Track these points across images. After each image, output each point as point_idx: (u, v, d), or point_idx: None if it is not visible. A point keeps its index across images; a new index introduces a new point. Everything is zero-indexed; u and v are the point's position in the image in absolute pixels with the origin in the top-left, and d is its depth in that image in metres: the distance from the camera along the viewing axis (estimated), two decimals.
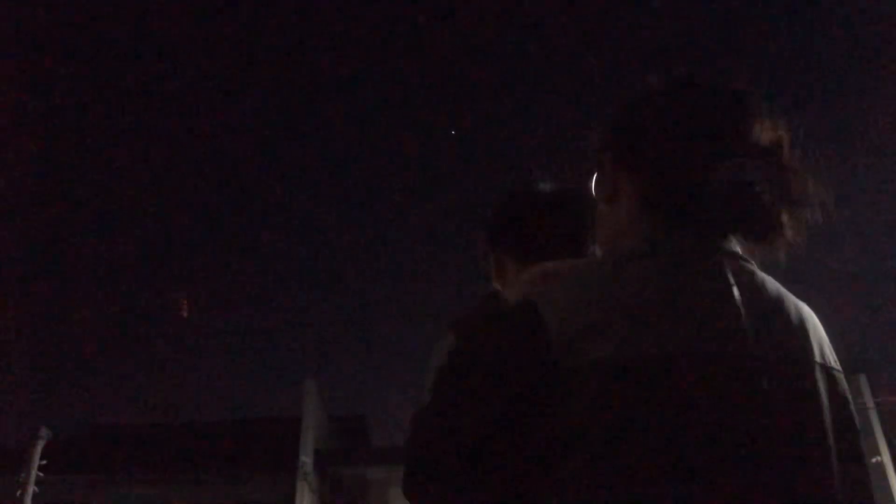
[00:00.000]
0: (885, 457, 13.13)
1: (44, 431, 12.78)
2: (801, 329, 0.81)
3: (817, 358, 0.80)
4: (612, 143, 0.92)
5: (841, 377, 0.83)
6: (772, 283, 0.83)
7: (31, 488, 12.28)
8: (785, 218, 0.83)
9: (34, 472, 12.35)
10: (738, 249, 0.84)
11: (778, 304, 0.81)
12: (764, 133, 0.85)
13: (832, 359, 0.83)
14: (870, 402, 13.66)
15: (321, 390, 15.65)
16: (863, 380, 13.90)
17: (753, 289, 0.80)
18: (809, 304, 0.87)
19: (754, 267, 0.83)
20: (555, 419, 0.71)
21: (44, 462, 12.47)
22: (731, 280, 0.79)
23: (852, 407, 0.82)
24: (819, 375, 0.79)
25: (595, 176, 0.96)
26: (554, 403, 0.71)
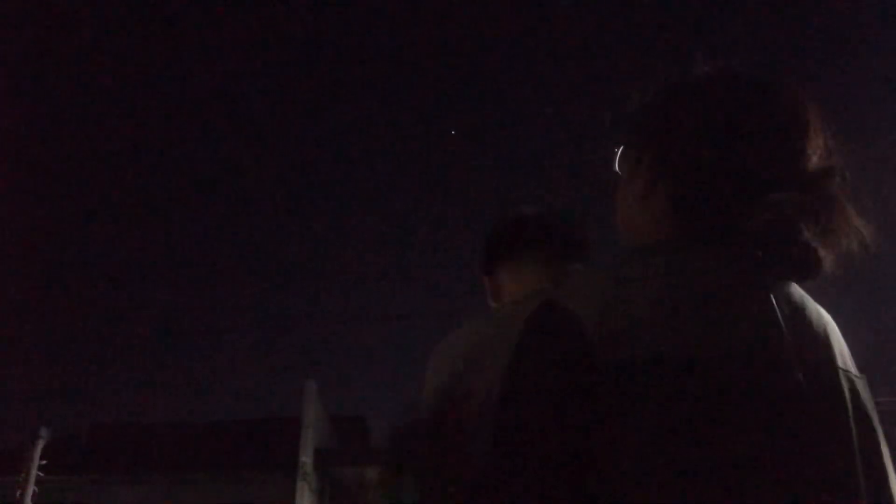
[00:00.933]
0: (885, 457, 13.10)
1: (44, 431, 12.78)
2: (825, 335, 0.80)
3: (840, 364, 0.80)
4: (654, 139, 0.87)
5: (862, 383, 0.83)
6: (796, 289, 0.82)
7: (31, 488, 12.28)
8: (822, 254, 0.80)
9: (34, 472, 12.35)
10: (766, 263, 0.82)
11: (803, 309, 0.80)
12: (818, 154, 0.81)
13: (852, 365, 0.83)
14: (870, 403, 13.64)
15: (321, 390, 15.66)
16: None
17: (782, 293, 0.79)
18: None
19: (779, 280, 0.82)
20: (599, 421, 0.68)
21: (44, 462, 12.47)
22: (766, 283, 0.77)
23: (873, 411, 0.82)
24: (843, 381, 0.79)
25: (623, 166, 0.91)
26: (597, 405, 0.68)
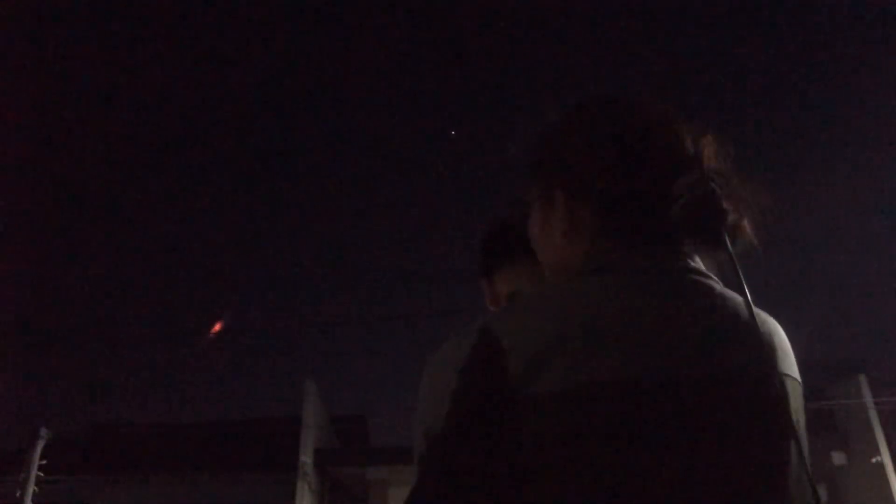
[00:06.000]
0: (885, 457, 13.13)
1: (44, 431, 12.79)
2: (761, 343, 0.79)
3: (783, 369, 0.80)
4: (562, 177, 0.90)
5: (800, 388, 0.83)
6: (731, 299, 0.81)
7: (31, 488, 12.29)
8: (739, 221, 0.82)
9: (34, 472, 12.36)
10: (699, 266, 0.83)
11: (737, 320, 0.79)
12: (692, 144, 0.86)
13: (794, 370, 0.83)
14: (870, 403, 13.66)
15: (321, 390, 15.67)
16: (863, 380, 13.89)
17: (713, 305, 0.79)
18: (811, 307, 0.86)
19: (714, 283, 0.82)
20: (510, 454, 0.68)
21: (44, 462, 12.48)
22: (690, 297, 0.78)
23: (803, 418, 0.81)
24: (783, 387, 0.78)
25: (539, 214, 0.93)
26: (510, 438, 0.68)
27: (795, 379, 0.82)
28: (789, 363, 0.82)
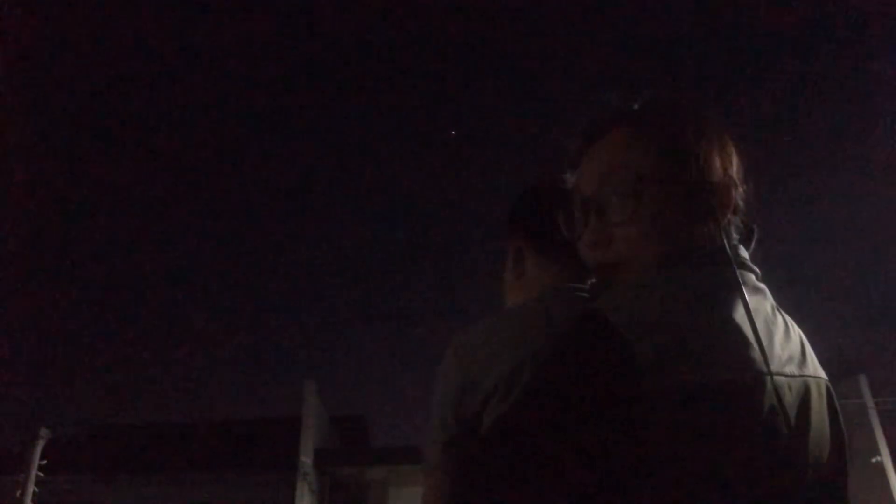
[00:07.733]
0: (885, 457, 13.14)
1: (44, 431, 12.79)
2: (803, 345, 0.84)
3: (818, 373, 0.84)
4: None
5: (831, 389, 0.87)
6: (773, 302, 0.86)
7: (31, 488, 12.29)
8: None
9: (34, 472, 12.36)
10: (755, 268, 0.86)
11: (786, 322, 0.84)
12: (721, 151, 0.89)
13: (823, 372, 0.86)
14: (870, 403, 13.67)
15: (321, 390, 15.67)
16: (863, 380, 13.91)
17: (772, 308, 0.83)
18: (811, 305, 0.89)
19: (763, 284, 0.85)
20: (636, 444, 0.68)
21: (44, 462, 12.48)
22: (768, 299, 0.82)
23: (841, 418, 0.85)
24: (823, 391, 0.83)
25: (637, 206, 0.88)
26: (636, 427, 0.68)
27: (827, 381, 0.86)
28: (816, 366, 0.85)
